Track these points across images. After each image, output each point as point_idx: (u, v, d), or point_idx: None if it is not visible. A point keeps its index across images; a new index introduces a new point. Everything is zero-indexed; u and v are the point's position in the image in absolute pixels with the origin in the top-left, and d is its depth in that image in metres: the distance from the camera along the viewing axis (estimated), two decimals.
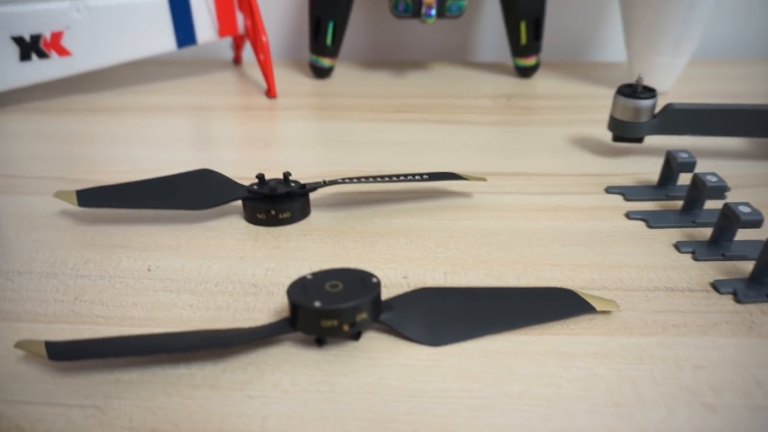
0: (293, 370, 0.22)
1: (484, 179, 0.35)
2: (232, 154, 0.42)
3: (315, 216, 0.33)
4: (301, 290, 0.23)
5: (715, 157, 0.41)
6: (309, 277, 0.23)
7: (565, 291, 0.26)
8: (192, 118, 0.49)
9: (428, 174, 0.34)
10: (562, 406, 0.21)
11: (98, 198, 0.32)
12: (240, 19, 0.55)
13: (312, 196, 0.34)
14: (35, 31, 0.47)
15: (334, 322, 0.22)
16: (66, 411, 0.21)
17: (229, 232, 0.32)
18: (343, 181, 0.33)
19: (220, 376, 0.22)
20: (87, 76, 0.52)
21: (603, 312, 0.25)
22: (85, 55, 0.50)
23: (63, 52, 0.49)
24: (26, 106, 0.51)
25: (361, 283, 0.23)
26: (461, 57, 0.67)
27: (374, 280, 0.23)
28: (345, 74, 0.60)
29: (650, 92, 0.38)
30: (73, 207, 0.34)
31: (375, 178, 0.33)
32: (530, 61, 0.57)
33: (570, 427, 0.20)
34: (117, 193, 0.33)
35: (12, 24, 0.46)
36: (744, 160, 0.40)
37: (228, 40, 0.64)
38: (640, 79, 0.38)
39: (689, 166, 0.34)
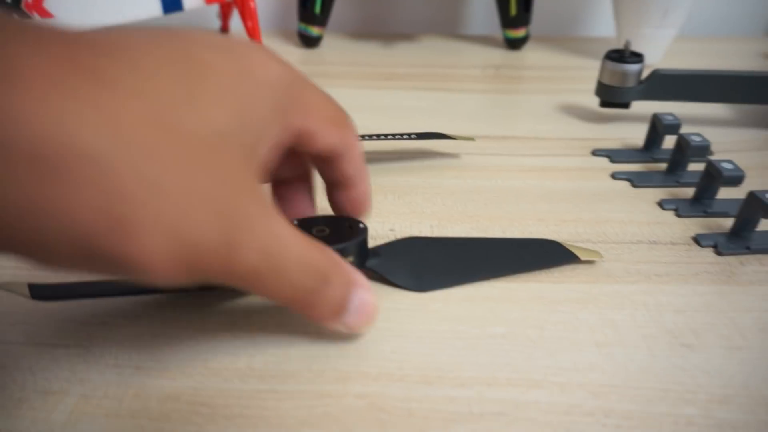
0: (279, 313, 0.23)
1: (472, 139, 0.35)
2: None
3: None
4: None
5: (701, 123, 0.41)
6: (295, 222, 0.23)
7: (550, 242, 0.26)
8: None
9: (416, 133, 0.34)
10: (545, 345, 0.21)
11: None
12: None
13: None
14: None
15: None
16: (51, 350, 0.21)
17: None
18: None
19: (206, 318, 0.22)
20: None
21: (587, 262, 0.26)
22: (69, 18, 0.49)
23: (45, 14, 0.48)
24: None
25: (349, 229, 0.23)
26: (450, 30, 0.67)
27: (361, 225, 0.23)
28: (333, 44, 0.59)
29: (637, 57, 0.38)
30: None
31: (362, 137, 0.33)
32: (520, 33, 0.57)
33: (552, 364, 0.20)
34: None
35: None
36: (729, 126, 0.41)
37: (215, 9, 0.63)
38: (627, 44, 0.38)
39: (674, 128, 0.34)
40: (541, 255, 0.26)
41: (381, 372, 0.20)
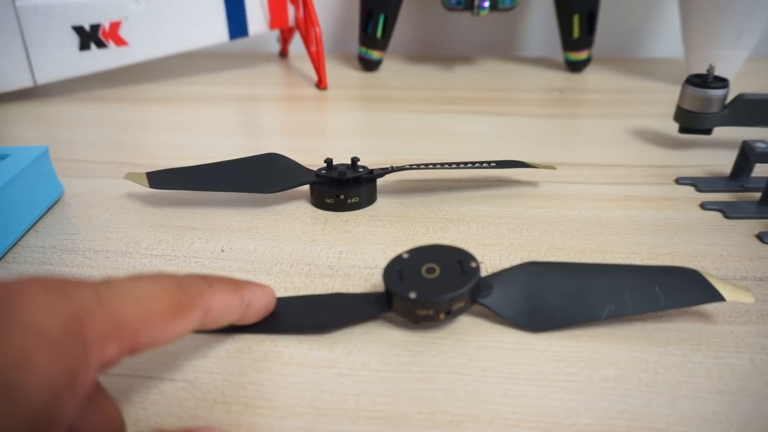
0: (380, 350, 0.22)
1: (553, 167, 0.35)
2: (291, 142, 0.42)
3: (381, 202, 0.33)
4: (397, 275, 0.22)
5: None
6: (405, 256, 0.23)
7: (689, 271, 0.23)
8: (247, 108, 0.50)
9: (496, 162, 0.33)
10: (662, 391, 0.20)
11: (168, 180, 0.32)
12: (291, 11, 0.55)
13: (377, 183, 0.34)
14: (95, 21, 0.48)
15: (430, 312, 0.22)
16: (158, 384, 0.21)
17: (297, 215, 0.32)
18: (411, 167, 0.33)
19: (307, 354, 0.22)
20: (142, 65, 0.53)
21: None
22: (141, 45, 0.50)
23: (120, 42, 0.50)
24: (85, 94, 0.52)
25: (459, 267, 0.22)
26: (508, 52, 0.67)
27: (473, 264, 0.22)
28: (393, 67, 0.60)
29: (722, 82, 0.37)
30: (140, 190, 0.34)
31: (443, 165, 0.33)
32: (582, 55, 0.57)
33: (673, 412, 0.19)
34: (186, 175, 0.33)
35: (73, 14, 0.47)
36: None
37: (274, 33, 0.64)
38: (711, 68, 0.37)
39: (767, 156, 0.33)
40: (677, 290, 0.23)
41: (494, 417, 0.19)
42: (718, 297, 0.22)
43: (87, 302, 0.14)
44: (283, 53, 0.64)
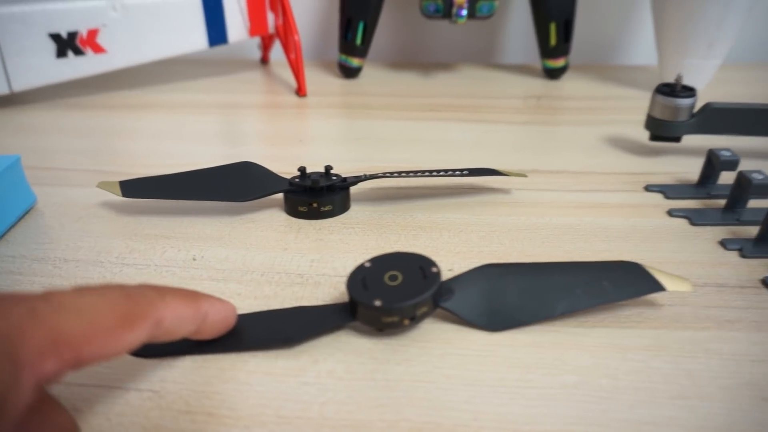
0: (346, 359, 0.22)
1: (524, 175, 0.35)
2: (268, 150, 0.42)
3: (355, 210, 0.33)
4: (360, 284, 0.23)
5: (754, 157, 0.40)
6: (367, 265, 0.23)
7: (632, 265, 0.25)
8: (226, 116, 0.50)
9: (468, 169, 0.34)
10: (621, 397, 0.21)
11: (141, 189, 0.32)
12: (271, 18, 0.56)
13: (351, 190, 0.34)
14: (72, 28, 0.48)
15: (395, 319, 0.22)
16: (124, 394, 0.21)
17: (270, 224, 0.32)
18: (384, 175, 0.33)
19: (274, 363, 0.22)
20: (120, 73, 0.53)
21: (654, 304, 0.25)
22: (120, 52, 0.50)
23: (98, 49, 0.49)
24: (62, 101, 0.51)
25: (421, 273, 0.23)
26: (487, 59, 0.67)
27: (434, 269, 0.23)
28: (373, 74, 0.60)
29: (689, 91, 0.38)
30: (114, 199, 0.34)
31: (416, 173, 0.33)
32: (559, 63, 0.57)
33: (631, 418, 0.20)
34: (159, 184, 0.33)
35: (50, 21, 0.47)
36: None
37: (255, 40, 0.64)
38: (679, 78, 0.38)
39: (732, 165, 0.33)
40: (623, 283, 0.24)
41: (456, 424, 0.20)
42: (659, 287, 0.24)
43: (20, 320, 0.14)
44: (264, 60, 0.64)
